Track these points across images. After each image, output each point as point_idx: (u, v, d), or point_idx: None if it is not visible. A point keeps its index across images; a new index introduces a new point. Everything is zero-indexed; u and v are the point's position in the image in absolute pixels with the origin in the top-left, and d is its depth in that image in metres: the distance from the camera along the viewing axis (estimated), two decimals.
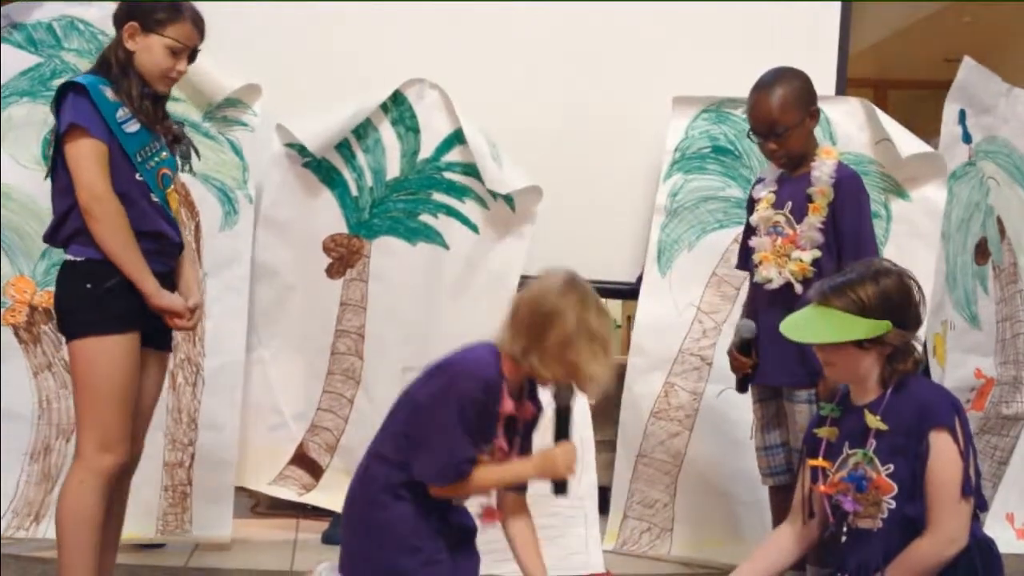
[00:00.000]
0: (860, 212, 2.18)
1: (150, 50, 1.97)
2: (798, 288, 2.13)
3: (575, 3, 3.00)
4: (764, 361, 2.22)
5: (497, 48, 2.97)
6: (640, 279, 2.93)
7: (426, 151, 2.83)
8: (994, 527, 2.76)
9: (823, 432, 1.81)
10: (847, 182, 2.18)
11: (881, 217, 2.81)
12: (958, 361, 3.04)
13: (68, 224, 1.91)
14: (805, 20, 3.06)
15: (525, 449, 1.76)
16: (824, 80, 2.93)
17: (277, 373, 2.82)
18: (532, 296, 1.68)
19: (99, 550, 1.90)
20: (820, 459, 1.79)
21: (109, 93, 1.93)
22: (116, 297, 1.89)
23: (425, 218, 2.84)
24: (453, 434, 1.62)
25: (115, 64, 1.96)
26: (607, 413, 2.94)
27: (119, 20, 1.99)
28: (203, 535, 2.65)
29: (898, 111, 4.89)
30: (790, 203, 2.20)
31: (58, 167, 1.92)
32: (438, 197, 2.83)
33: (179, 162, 2.11)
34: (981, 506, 1.73)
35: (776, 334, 2.13)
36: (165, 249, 2.00)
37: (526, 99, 2.95)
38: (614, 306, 6.31)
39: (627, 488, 2.83)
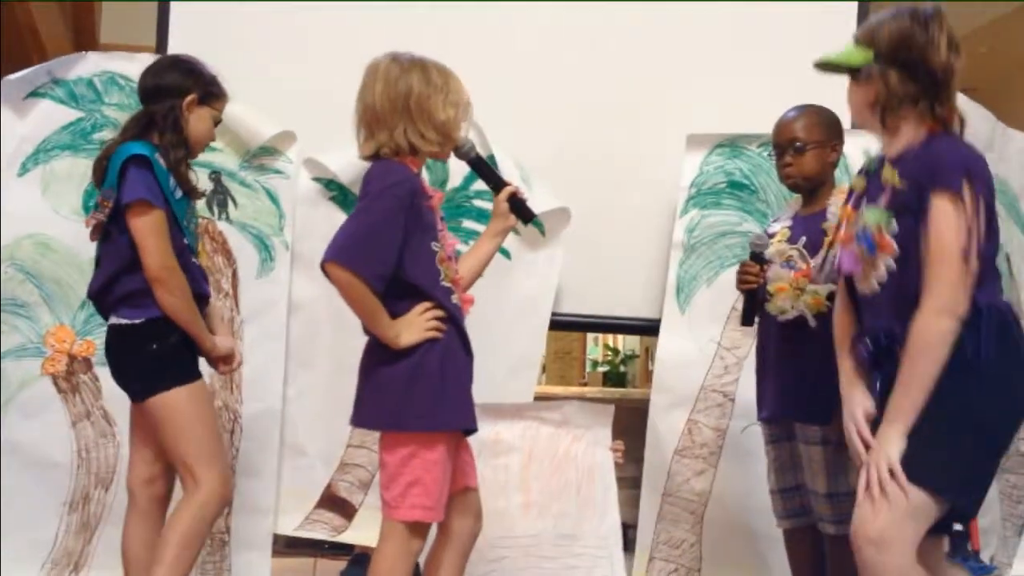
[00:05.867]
0: None
1: (203, 120, 2.13)
2: (812, 322, 2.15)
3: (586, 43, 3.05)
4: (774, 395, 2.23)
5: (509, 89, 3.00)
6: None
7: (455, 180, 2.88)
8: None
9: (856, 183, 1.81)
10: None
11: None
12: None
13: (120, 286, 2.03)
14: (819, 51, 3.07)
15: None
16: (839, 108, 2.94)
17: (302, 412, 2.81)
18: (377, 90, 1.85)
19: None
20: (849, 207, 1.81)
21: (162, 162, 2.05)
22: (182, 349, 2.05)
23: (457, 246, 2.88)
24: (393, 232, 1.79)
25: (170, 131, 2.08)
26: (627, 451, 2.94)
27: (176, 89, 2.10)
28: None
29: None
30: (804, 238, 2.23)
31: (112, 231, 2.03)
32: (468, 224, 2.88)
33: (216, 211, 2.21)
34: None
35: (786, 368, 2.19)
36: (202, 305, 2.14)
37: (540, 138, 2.99)
38: (632, 338, 6.30)
39: (653, 528, 2.82)
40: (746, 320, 2.28)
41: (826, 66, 1.82)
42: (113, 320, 2.05)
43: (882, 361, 1.74)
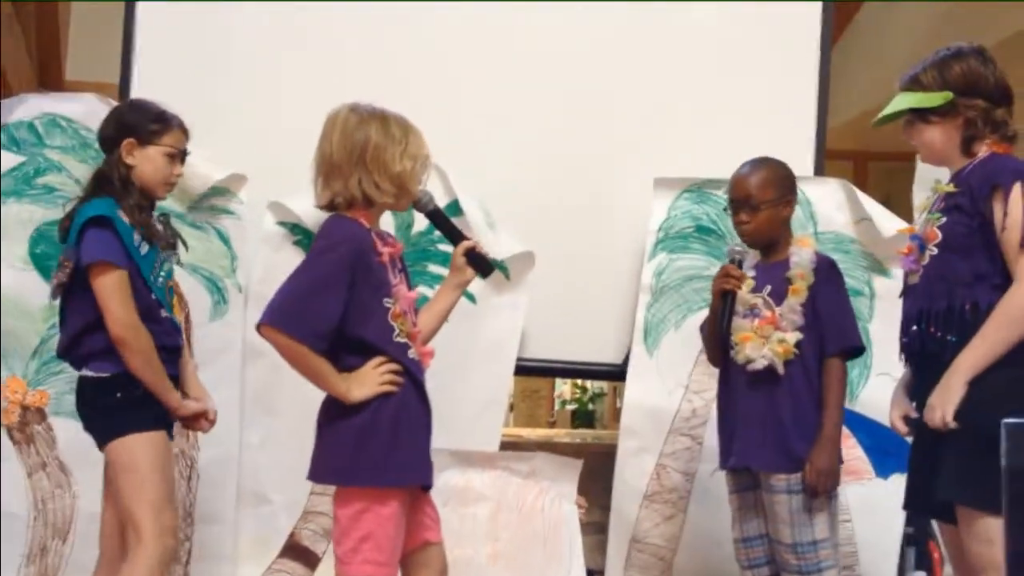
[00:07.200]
0: (839, 295, 2.23)
1: (151, 161, 2.10)
2: (780, 369, 2.15)
3: (553, 87, 3.04)
4: (740, 444, 2.22)
5: (478, 133, 3.00)
6: (627, 359, 2.93)
7: (420, 224, 2.86)
8: None
9: (921, 204, 2.05)
10: (825, 268, 2.24)
11: (865, 295, 2.85)
12: None
13: (86, 343, 2.02)
14: (783, 97, 3.12)
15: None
16: (802, 154, 3.00)
17: (266, 459, 2.77)
18: (335, 139, 1.84)
19: None
20: (914, 225, 2.06)
21: (125, 217, 2.04)
22: (146, 400, 2.04)
23: (422, 290, 2.86)
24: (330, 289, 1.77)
25: (119, 182, 2.06)
26: (594, 496, 2.92)
27: (112, 140, 2.10)
28: None
29: (879, 183, 4.98)
30: (768, 287, 2.24)
31: (74, 289, 2.02)
32: (434, 269, 2.86)
33: (172, 259, 2.18)
34: None
35: (754, 417, 2.18)
36: (175, 358, 2.15)
37: (507, 183, 2.98)
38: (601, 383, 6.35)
39: (621, 575, 2.78)
40: (725, 327, 2.24)
41: (887, 118, 2.04)
42: (84, 372, 2.05)
43: (913, 354, 1.96)
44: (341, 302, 1.77)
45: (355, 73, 2.94)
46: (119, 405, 2.02)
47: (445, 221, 2.05)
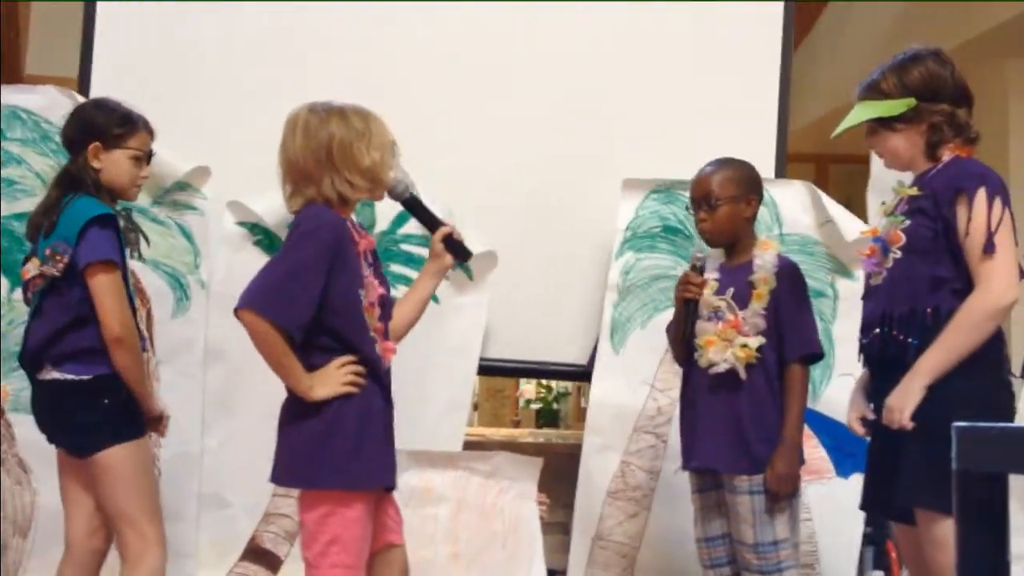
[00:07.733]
0: (801, 301, 2.24)
1: (117, 164, 2.07)
2: (742, 373, 2.17)
3: (520, 87, 3.05)
4: (703, 445, 2.23)
5: (446, 133, 2.99)
6: (592, 359, 2.94)
7: (382, 224, 2.85)
8: None
9: (883, 208, 2.02)
10: (788, 272, 2.25)
11: (829, 296, 2.89)
12: None
13: (67, 341, 1.98)
14: (745, 99, 3.13)
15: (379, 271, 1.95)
16: (764, 155, 3.02)
17: (226, 461, 2.74)
18: (299, 143, 1.81)
19: None
20: (875, 226, 2.07)
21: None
22: (129, 405, 2.04)
23: (382, 291, 2.85)
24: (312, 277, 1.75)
25: (91, 185, 2.03)
26: (557, 496, 2.92)
27: (78, 143, 2.06)
28: None
29: (839, 185, 5.04)
30: (732, 290, 2.24)
31: (60, 285, 1.98)
32: (396, 269, 2.84)
33: (128, 252, 2.17)
34: None
35: (716, 418, 2.19)
36: None
37: (477, 182, 2.98)
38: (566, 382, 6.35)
39: (583, 573, 2.79)
40: (687, 333, 2.25)
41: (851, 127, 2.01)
42: (55, 375, 1.99)
43: (873, 357, 1.96)
44: (319, 289, 1.75)
45: (316, 70, 2.91)
46: (109, 411, 2.00)
47: (422, 208, 2.03)
